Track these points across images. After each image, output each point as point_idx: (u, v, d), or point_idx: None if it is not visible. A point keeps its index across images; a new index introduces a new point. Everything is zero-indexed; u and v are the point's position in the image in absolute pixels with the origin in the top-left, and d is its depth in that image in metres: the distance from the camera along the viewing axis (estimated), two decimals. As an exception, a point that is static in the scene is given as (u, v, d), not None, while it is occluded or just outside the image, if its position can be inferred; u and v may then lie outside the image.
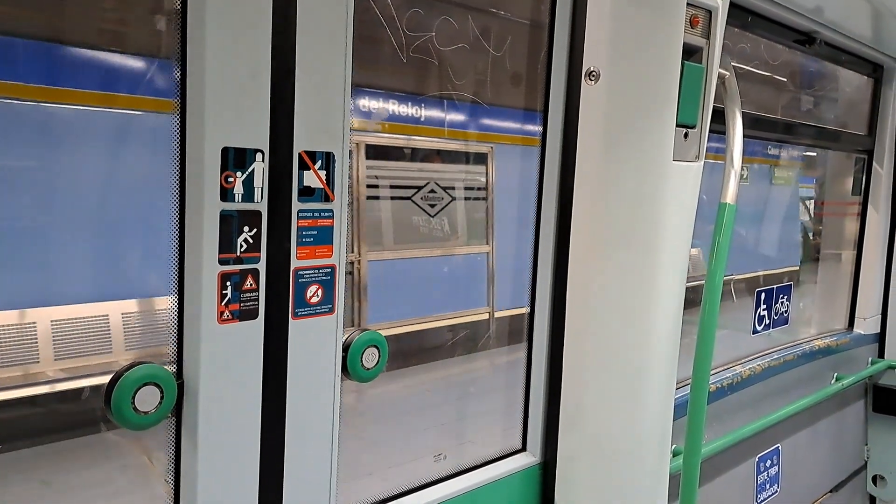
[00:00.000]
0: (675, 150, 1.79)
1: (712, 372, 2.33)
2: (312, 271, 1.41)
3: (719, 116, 2.04)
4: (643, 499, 1.93)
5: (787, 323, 3.32)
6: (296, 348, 1.39)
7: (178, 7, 1.24)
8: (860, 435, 3.80)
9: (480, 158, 3.67)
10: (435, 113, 3.30)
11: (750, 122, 2.63)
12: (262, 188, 1.31)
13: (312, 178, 1.39)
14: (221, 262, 1.27)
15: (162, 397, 1.24)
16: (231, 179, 1.26)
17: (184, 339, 1.29)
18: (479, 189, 3.73)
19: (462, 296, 3.84)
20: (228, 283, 1.28)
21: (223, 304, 1.28)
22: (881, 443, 3.81)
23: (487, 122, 2.88)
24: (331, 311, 1.45)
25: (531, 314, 2.01)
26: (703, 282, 1.93)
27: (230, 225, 1.27)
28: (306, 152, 1.37)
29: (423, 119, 3.49)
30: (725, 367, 2.84)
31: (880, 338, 3.81)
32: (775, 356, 3.08)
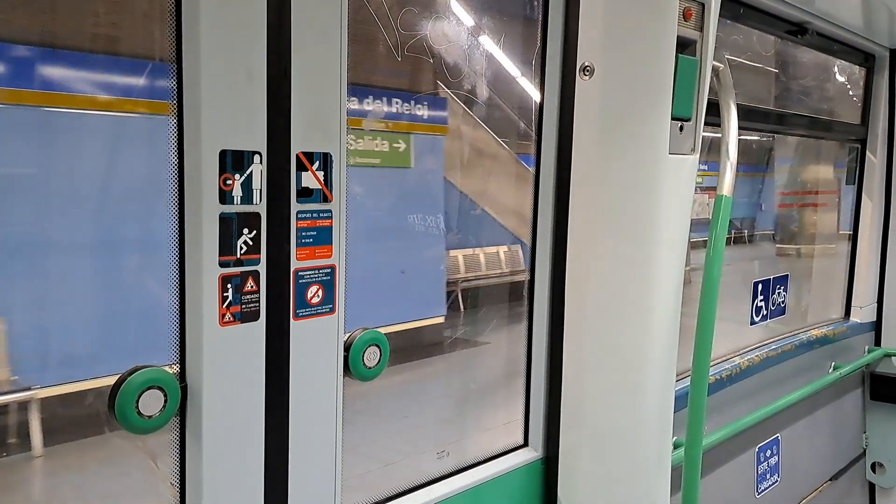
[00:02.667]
0: (670, 144, 1.79)
1: (711, 363, 2.34)
2: (312, 272, 1.41)
3: (714, 109, 2.05)
4: (645, 491, 1.93)
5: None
6: (297, 349, 1.40)
7: (173, 8, 1.24)
8: (858, 423, 3.82)
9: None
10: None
11: (744, 114, 2.64)
12: (260, 190, 1.31)
13: (311, 179, 1.39)
14: (222, 264, 1.27)
15: (166, 401, 1.24)
16: (229, 182, 1.26)
17: (186, 342, 1.29)
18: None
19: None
20: (229, 286, 1.28)
21: (224, 306, 1.28)
22: (879, 430, 3.83)
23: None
24: (331, 311, 1.45)
25: (530, 309, 2.02)
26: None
27: (229, 227, 1.27)
28: (304, 153, 1.37)
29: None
30: (725, 358, 2.85)
31: (876, 326, 3.82)
32: (773, 346, 3.09)
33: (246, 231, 1.29)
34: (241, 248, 1.29)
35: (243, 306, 1.30)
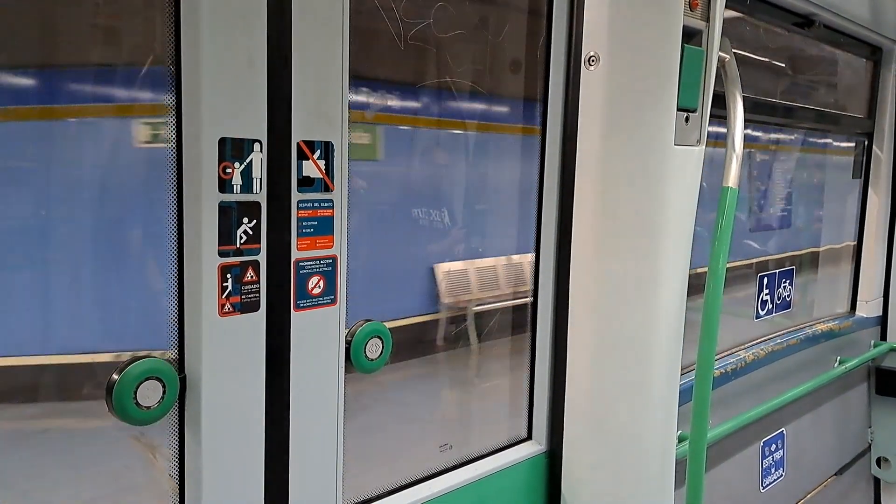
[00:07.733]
0: (676, 135, 1.77)
1: (716, 357, 2.33)
2: (313, 262, 1.39)
3: (720, 101, 2.03)
4: (650, 485, 1.92)
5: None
6: (298, 340, 1.38)
7: None
8: (864, 418, 3.80)
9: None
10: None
11: (750, 106, 2.62)
12: (260, 179, 1.29)
13: (311, 168, 1.37)
14: (221, 254, 1.25)
15: (164, 392, 1.23)
16: (229, 170, 1.25)
17: (185, 332, 1.28)
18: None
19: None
20: (229, 276, 1.27)
21: (224, 296, 1.26)
22: (885, 425, 3.81)
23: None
24: (333, 302, 1.43)
25: (534, 302, 2.00)
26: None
27: (229, 216, 1.26)
28: (305, 142, 1.35)
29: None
30: (730, 352, 2.83)
31: (882, 321, 3.80)
32: (778, 340, 3.07)
33: (246, 220, 1.28)
34: (241, 238, 1.28)
35: (243, 296, 1.29)
